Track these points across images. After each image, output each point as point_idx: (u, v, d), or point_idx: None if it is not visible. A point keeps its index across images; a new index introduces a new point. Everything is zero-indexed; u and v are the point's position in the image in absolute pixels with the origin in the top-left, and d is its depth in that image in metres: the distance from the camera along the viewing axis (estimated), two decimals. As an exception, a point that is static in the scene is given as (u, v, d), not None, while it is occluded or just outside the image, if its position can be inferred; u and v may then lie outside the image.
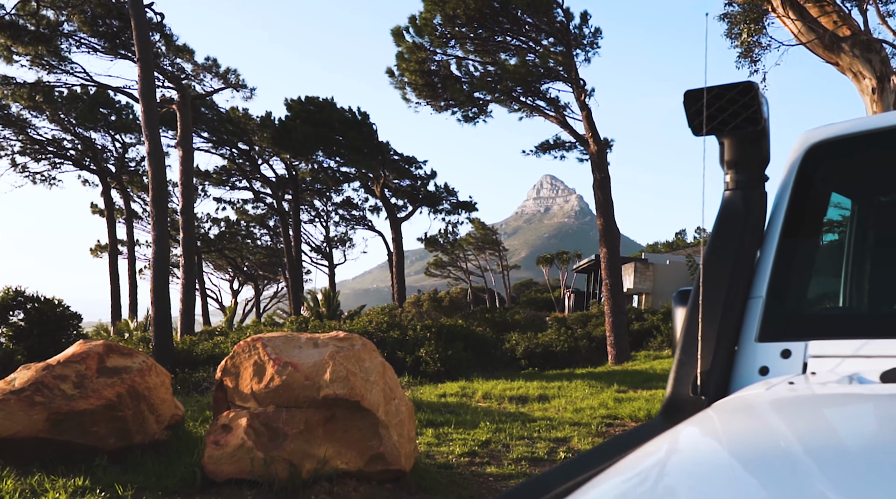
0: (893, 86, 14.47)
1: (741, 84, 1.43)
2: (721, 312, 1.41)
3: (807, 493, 0.67)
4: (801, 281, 1.49)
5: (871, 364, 1.23)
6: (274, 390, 5.24)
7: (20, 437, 5.25)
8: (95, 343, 5.99)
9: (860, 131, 1.53)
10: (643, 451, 0.94)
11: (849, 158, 1.57)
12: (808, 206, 1.52)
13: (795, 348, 1.37)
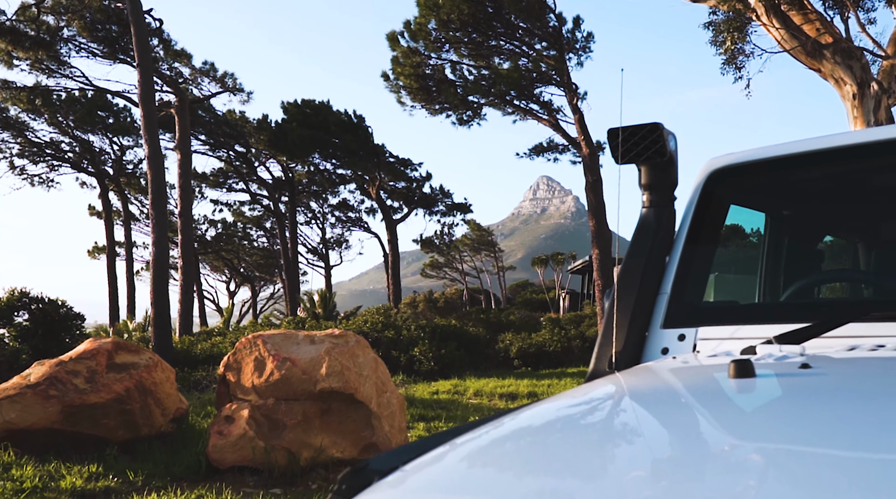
0: (873, 92, 14.87)
1: (650, 125, 1.80)
2: (634, 305, 1.79)
3: (664, 413, 1.07)
4: (697, 280, 1.87)
5: (739, 344, 1.61)
6: (273, 383, 5.61)
7: (36, 428, 5.61)
8: (105, 341, 6.36)
9: (750, 160, 1.91)
10: (553, 398, 1.33)
11: (741, 181, 1.95)
12: (708, 220, 1.90)
13: (689, 333, 1.75)
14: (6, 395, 5.66)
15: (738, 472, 0.76)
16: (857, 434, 0.86)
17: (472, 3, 24.23)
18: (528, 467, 0.90)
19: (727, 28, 14.05)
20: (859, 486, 0.65)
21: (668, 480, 0.75)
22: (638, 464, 0.85)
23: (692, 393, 1.22)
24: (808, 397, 1.08)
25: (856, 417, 0.94)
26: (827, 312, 1.55)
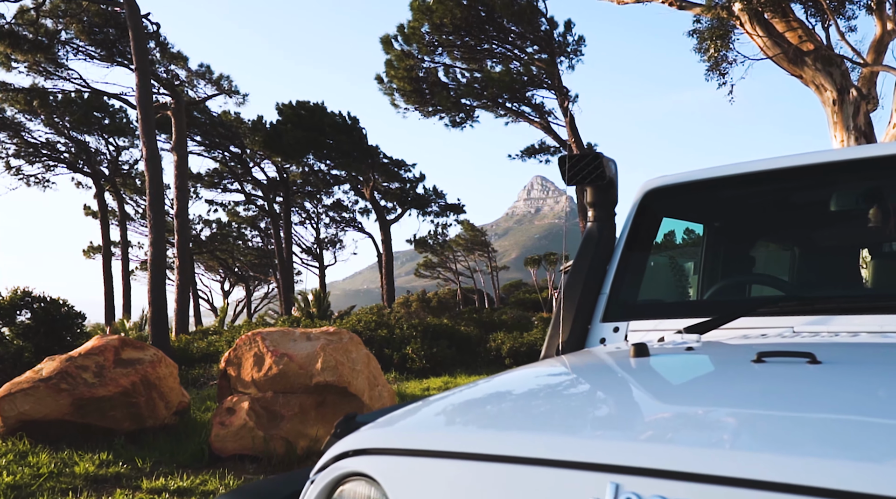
0: (852, 98, 15.29)
1: (592, 154, 2.19)
2: (578, 303, 2.17)
3: (583, 379, 1.46)
4: (631, 282, 2.25)
5: (659, 334, 1.99)
6: (272, 377, 5.98)
7: (48, 419, 5.97)
8: (111, 338, 6.72)
9: (678, 182, 2.30)
10: (509, 371, 1.72)
11: (671, 199, 2.34)
12: (642, 231, 2.28)
13: (622, 326, 2.13)
14: (20, 388, 6.02)
15: (617, 406, 1.17)
16: (698, 387, 1.28)
17: (465, 7, 24.54)
18: (481, 413, 1.30)
19: (711, 36, 14.47)
20: (691, 415, 1.07)
21: (576, 413, 1.17)
22: (557, 407, 1.26)
23: (605, 367, 1.62)
24: (678, 367, 1.50)
25: (703, 377, 1.36)
26: (725, 309, 1.94)
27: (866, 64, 15.06)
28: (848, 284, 2.23)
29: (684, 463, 0.90)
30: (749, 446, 0.93)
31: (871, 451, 0.90)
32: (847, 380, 1.25)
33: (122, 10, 18.35)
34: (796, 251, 2.47)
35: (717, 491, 0.87)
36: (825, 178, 2.11)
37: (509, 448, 1.05)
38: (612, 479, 0.93)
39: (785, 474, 0.85)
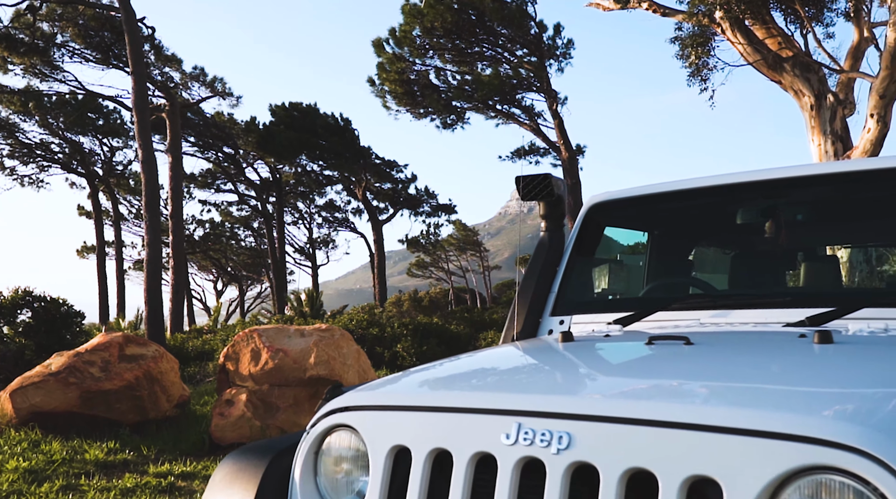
0: (829, 103, 15.76)
1: (543, 175, 2.61)
2: (531, 300, 2.59)
3: (526, 356, 1.89)
4: (575, 283, 2.67)
5: (595, 326, 2.42)
6: (268, 371, 6.39)
7: (58, 411, 6.36)
8: (116, 335, 7.12)
9: (617, 197, 2.73)
10: (473, 352, 2.15)
11: (611, 211, 2.77)
12: (586, 239, 2.71)
13: (567, 319, 2.55)
14: (31, 382, 6.42)
15: (531, 374, 1.60)
16: (593, 360, 1.71)
17: (456, 11, 24.89)
18: (435, 380, 1.72)
19: (691, 43, 14.93)
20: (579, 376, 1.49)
21: (501, 378, 1.59)
22: (489, 375, 1.68)
23: (537, 349, 2.06)
24: (588, 349, 1.93)
25: (601, 354, 1.80)
26: (646, 305, 2.37)
27: (842, 70, 15.52)
28: (746, 285, 2.67)
29: (562, 407, 1.32)
30: (610, 393, 1.36)
31: (695, 397, 1.32)
32: (701, 355, 1.69)
33: (119, 14, 18.68)
34: (711, 256, 2.90)
35: (584, 425, 1.29)
36: (734, 196, 2.54)
37: (450, 401, 1.47)
38: (517, 420, 1.35)
39: (631, 411, 1.27)
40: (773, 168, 2.39)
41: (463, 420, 1.42)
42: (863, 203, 2.47)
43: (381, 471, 1.50)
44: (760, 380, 1.44)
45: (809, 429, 1.12)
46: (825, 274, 2.53)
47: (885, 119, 14.18)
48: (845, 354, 1.65)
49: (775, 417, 1.16)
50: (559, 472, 1.27)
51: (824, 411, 1.18)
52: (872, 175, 2.28)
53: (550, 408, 1.34)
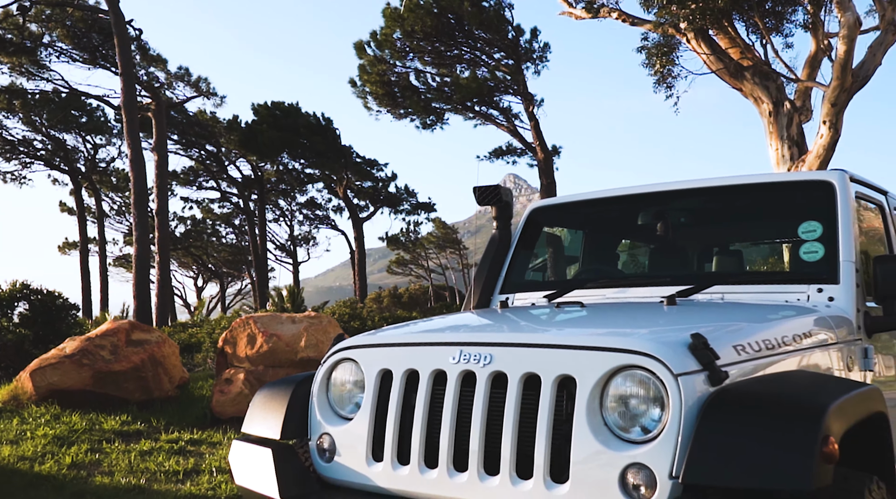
0: (786, 110, 16.71)
1: (494, 186, 3.39)
2: (484, 282, 3.38)
3: (478, 319, 2.69)
4: (518, 269, 3.47)
5: (533, 300, 3.22)
6: (263, 354, 7.15)
7: (73, 389, 7.06)
8: (123, 322, 7.83)
9: (552, 203, 3.53)
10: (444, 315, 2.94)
11: (547, 214, 3.57)
12: (527, 236, 3.51)
13: (511, 297, 3.35)
14: (49, 363, 7.12)
15: (472, 323, 2.40)
16: (513, 317, 2.51)
17: (435, 15, 25.57)
18: (413, 329, 2.51)
19: (657, 52, 15.82)
20: (500, 323, 2.30)
21: (454, 326, 2.38)
22: (448, 325, 2.47)
23: (483, 313, 2.86)
24: (514, 312, 2.74)
25: (519, 314, 2.61)
26: (569, 285, 3.18)
27: (798, 79, 16.46)
28: (641, 270, 3.49)
29: (485, 339, 2.12)
30: (514, 331, 2.16)
31: (566, 330, 2.13)
32: (585, 312, 2.50)
33: (107, 16, 19.22)
34: (621, 248, 3.72)
35: (498, 349, 2.08)
36: (635, 204, 3.36)
37: (419, 339, 2.26)
38: (459, 349, 2.14)
39: (525, 339, 2.07)
40: (663, 182, 3.20)
41: (426, 350, 2.21)
42: (726, 210, 3.30)
43: (373, 387, 2.29)
44: (611, 324, 2.25)
45: (625, 344, 1.93)
46: (695, 262, 3.35)
47: (836, 126, 15.10)
48: (676, 311, 2.46)
49: (607, 339, 1.97)
50: (484, 377, 2.07)
51: (636, 335, 1.98)
52: (733, 189, 3.11)
53: (478, 340, 2.14)
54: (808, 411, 1.76)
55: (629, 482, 1.84)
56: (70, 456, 5.25)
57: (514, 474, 1.99)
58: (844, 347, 2.56)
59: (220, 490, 4.64)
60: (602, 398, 1.93)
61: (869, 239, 3.14)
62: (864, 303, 2.75)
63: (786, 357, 2.20)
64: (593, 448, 1.89)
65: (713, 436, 1.75)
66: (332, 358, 2.45)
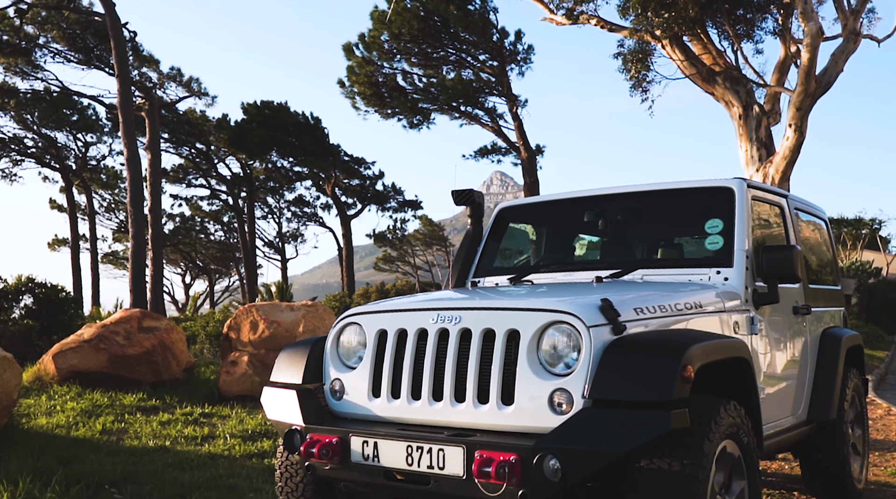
0: (755, 113, 17.58)
1: (468, 189, 4.15)
2: (460, 269, 4.13)
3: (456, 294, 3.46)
4: (488, 258, 4.23)
5: (496, 282, 3.98)
6: (264, 339, 7.88)
7: (91, 371, 7.77)
8: (134, 311, 8.54)
9: (516, 204, 4.30)
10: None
11: (513, 213, 4.35)
12: (496, 231, 4.27)
13: (481, 280, 4.10)
14: (69, 347, 7.82)
15: (447, 295, 3.17)
16: (480, 292, 3.28)
17: (422, 17, 26.25)
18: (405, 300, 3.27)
19: (632, 58, 16.65)
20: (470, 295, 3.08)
21: (436, 297, 3.15)
22: (436, 297, 3.23)
23: (459, 290, 3.62)
24: (482, 290, 3.51)
25: (483, 290, 3.38)
26: (528, 270, 3.95)
27: (766, 84, 17.33)
28: (586, 258, 4.29)
29: (456, 305, 2.89)
30: (477, 299, 2.93)
31: (514, 299, 2.91)
32: (532, 288, 3.27)
33: (103, 19, 19.78)
34: (573, 240, 4.50)
35: (466, 312, 2.84)
36: (583, 205, 4.14)
37: (408, 306, 3.02)
38: (437, 313, 2.90)
39: (485, 304, 2.83)
40: (605, 187, 4.00)
41: (413, 315, 2.97)
42: (652, 209, 4.09)
43: (372, 343, 3.05)
44: (548, 294, 3.02)
45: (554, 306, 2.70)
46: (627, 251, 4.14)
47: (801, 129, 15.98)
48: (601, 286, 3.25)
49: (542, 303, 2.75)
50: (455, 333, 2.83)
51: (563, 301, 2.76)
52: (658, 193, 3.90)
53: (451, 306, 2.91)
54: (674, 348, 2.55)
55: (555, 401, 2.61)
56: (99, 424, 5.97)
57: (476, 401, 2.76)
58: (734, 314, 3.35)
59: (235, 450, 5.39)
60: (538, 345, 2.70)
61: (767, 232, 3.94)
62: (754, 282, 3.54)
63: (680, 318, 2.98)
64: (531, 380, 2.66)
65: (610, 367, 2.53)
66: (341, 323, 3.21)
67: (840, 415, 4.19)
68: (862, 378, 4.76)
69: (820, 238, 4.88)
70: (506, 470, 2.44)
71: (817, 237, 4.83)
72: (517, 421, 2.66)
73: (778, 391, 3.75)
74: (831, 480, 4.23)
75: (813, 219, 4.80)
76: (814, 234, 4.77)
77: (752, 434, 2.87)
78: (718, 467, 2.69)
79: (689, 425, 2.46)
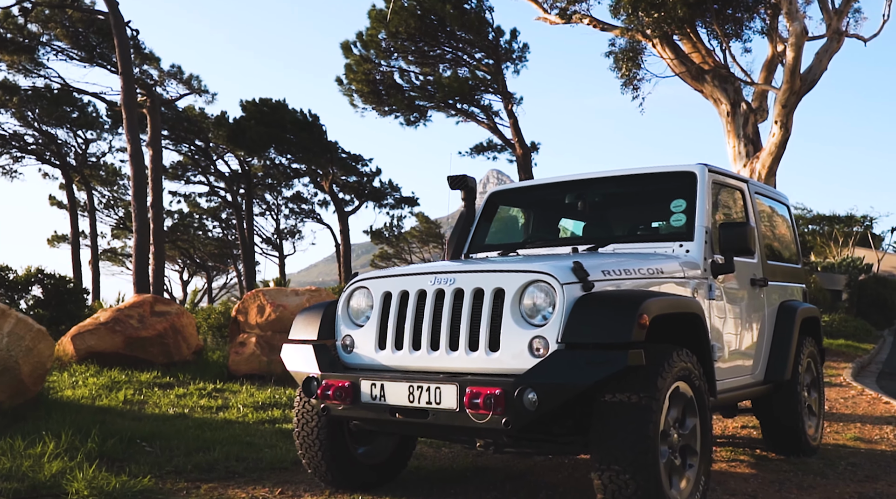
0: (742, 110, 18.10)
1: (462, 175, 4.62)
2: (455, 245, 4.61)
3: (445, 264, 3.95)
4: (481, 236, 4.70)
5: (488, 255, 4.47)
6: (271, 321, 8.36)
7: (108, 351, 8.23)
8: (146, 296, 9.00)
9: (505, 188, 4.77)
10: None
11: (503, 196, 4.83)
12: (486, 213, 4.75)
13: (474, 254, 4.59)
14: (86, 329, 8.29)
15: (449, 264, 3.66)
16: (475, 259, 3.78)
17: (419, 16, 26.70)
18: (409, 266, 3.76)
19: (623, 57, 17.16)
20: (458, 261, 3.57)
21: (433, 266, 3.63)
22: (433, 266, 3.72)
23: (455, 260, 4.11)
24: (473, 260, 3.99)
25: (475, 260, 3.87)
26: (515, 246, 4.44)
27: (753, 83, 17.85)
28: (567, 235, 4.78)
29: (450, 269, 3.37)
30: (469, 264, 3.42)
31: (502, 263, 3.39)
32: (516, 257, 3.75)
33: (106, 18, 20.20)
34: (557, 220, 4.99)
35: (459, 274, 3.32)
36: (565, 188, 4.63)
37: (409, 272, 3.50)
38: (435, 276, 3.38)
39: (475, 268, 3.31)
40: (582, 172, 4.49)
41: (414, 278, 3.45)
42: (625, 191, 4.58)
43: (379, 303, 3.53)
44: (532, 260, 3.51)
45: (534, 268, 3.19)
46: (604, 229, 4.63)
47: (786, 125, 16.50)
48: (577, 255, 3.74)
49: (524, 266, 3.23)
50: (450, 292, 3.31)
51: (542, 264, 3.24)
52: (630, 177, 4.40)
53: (446, 270, 3.39)
54: (633, 301, 3.04)
55: (534, 347, 3.10)
56: (121, 396, 6.45)
57: (467, 349, 3.24)
58: (694, 281, 3.84)
59: (248, 418, 5.87)
60: (520, 300, 3.19)
61: (728, 213, 4.43)
62: (713, 255, 4.03)
63: (643, 281, 3.47)
64: (514, 330, 3.15)
65: (579, 317, 3.02)
66: (351, 287, 3.69)
67: (795, 377, 4.69)
68: (819, 348, 5.26)
69: (780, 220, 5.38)
70: (492, 401, 2.93)
71: (778, 220, 5.34)
72: (502, 364, 3.15)
73: (736, 351, 4.25)
74: (786, 435, 4.73)
75: (774, 203, 5.30)
76: (774, 216, 5.27)
77: (703, 380, 3.36)
78: (672, 404, 3.19)
79: (644, 364, 2.95)
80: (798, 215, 35.94)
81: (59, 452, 4.17)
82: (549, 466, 4.63)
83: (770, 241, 5.01)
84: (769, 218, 5.13)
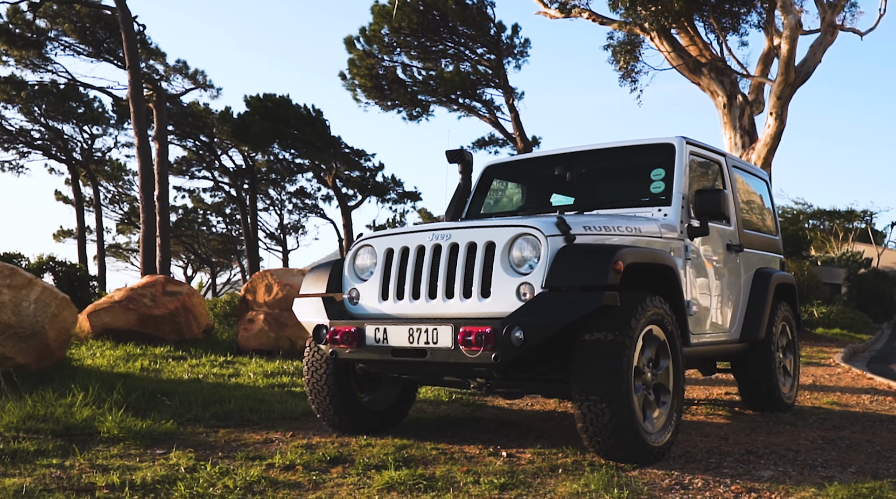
0: (739, 103, 18.41)
1: (460, 149, 4.97)
2: (452, 214, 4.96)
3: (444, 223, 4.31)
4: (476, 206, 5.05)
5: (483, 225, 4.85)
6: (278, 299, 8.72)
7: (122, 328, 8.60)
8: (158, 277, 9.37)
9: (499, 162, 5.13)
10: None
11: (497, 170, 5.17)
12: (481, 186, 5.10)
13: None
14: (102, 307, 8.67)
15: (445, 225, 4.01)
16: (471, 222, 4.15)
17: (421, 12, 27.04)
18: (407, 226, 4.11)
19: (621, 50, 17.48)
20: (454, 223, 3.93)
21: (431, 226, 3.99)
22: (435, 225, 4.07)
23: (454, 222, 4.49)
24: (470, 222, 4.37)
25: (475, 227, 4.25)
26: (510, 214, 4.79)
27: (749, 75, 18.16)
28: (557, 204, 5.13)
29: (446, 227, 3.72)
30: (463, 222, 3.77)
31: (494, 220, 3.75)
32: (509, 217, 4.11)
33: (114, 13, 20.57)
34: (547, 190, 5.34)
35: (454, 231, 3.67)
36: (554, 161, 4.97)
37: (409, 231, 3.86)
38: (433, 233, 3.73)
39: (468, 225, 3.67)
40: (570, 146, 4.85)
41: (414, 235, 3.80)
42: (609, 162, 4.93)
43: (382, 259, 3.88)
44: (520, 218, 3.86)
45: (521, 222, 3.54)
46: (591, 196, 4.98)
47: (781, 117, 16.83)
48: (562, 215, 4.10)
49: (512, 221, 3.58)
50: (446, 246, 3.67)
51: (529, 219, 3.60)
52: (614, 149, 4.75)
53: (443, 227, 3.75)
54: (609, 249, 3.40)
55: (521, 292, 3.46)
56: (139, 364, 6.82)
57: (462, 296, 3.60)
58: (671, 242, 4.19)
59: (259, 383, 6.23)
60: (509, 251, 3.55)
61: (705, 183, 4.78)
62: (689, 219, 4.38)
63: (622, 237, 3.82)
64: (503, 278, 3.51)
65: (562, 263, 3.38)
66: (356, 246, 4.06)
67: (769, 337, 5.04)
68: (794, 313, 5.60)
69: (758, 194, 5.73)
70: (483, 338, 3.29)
71: (755, 192, 5.68)
72: (493, 308, 3.51)
73: (711, 308, 4.61)
74: (761, 392, 5.08)
75: (752, 178, 5.65)
76: (752, 189, 5.61)
77: (676, 326, 3.72)
78: (646, 344, 3.54)
79: (618, 305, 3.31)
80: (798, 210, 36.23)
81: (88, 401, 4.54)
82: (540, 417, 4.99)
83: (747, 211, 5.36)
84: (746, 191, 5.48)
